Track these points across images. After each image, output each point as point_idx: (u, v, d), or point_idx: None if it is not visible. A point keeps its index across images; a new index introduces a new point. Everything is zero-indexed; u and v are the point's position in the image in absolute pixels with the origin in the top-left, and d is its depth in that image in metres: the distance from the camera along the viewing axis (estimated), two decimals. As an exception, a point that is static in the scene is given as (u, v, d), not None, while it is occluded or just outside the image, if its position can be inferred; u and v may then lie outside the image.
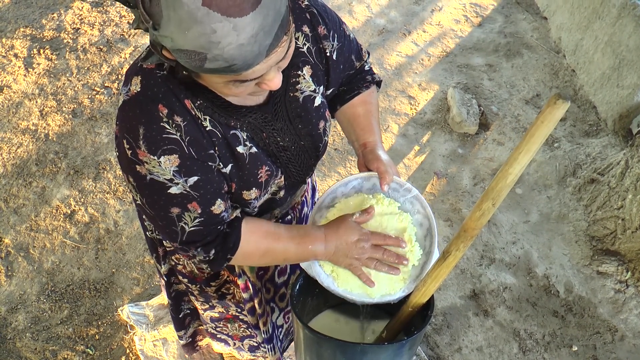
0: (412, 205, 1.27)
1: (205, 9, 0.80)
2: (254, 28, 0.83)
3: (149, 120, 1.00)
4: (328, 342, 1.18)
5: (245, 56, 0.85)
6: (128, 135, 1.00)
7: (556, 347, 2.28)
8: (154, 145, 1.00)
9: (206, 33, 0.82)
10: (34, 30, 3.60)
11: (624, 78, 2.90)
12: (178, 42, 0.84)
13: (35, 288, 2.41)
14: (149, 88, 1.02)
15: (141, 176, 1.02)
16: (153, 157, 1.00)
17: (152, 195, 1.04)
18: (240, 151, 1.10)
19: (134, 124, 1.00)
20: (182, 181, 1.03)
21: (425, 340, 2.26)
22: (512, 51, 3.54)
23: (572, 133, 3.06)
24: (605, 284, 2.44)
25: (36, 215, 2.66)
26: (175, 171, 1.02)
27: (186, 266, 1.43)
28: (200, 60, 0.85)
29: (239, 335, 1.67)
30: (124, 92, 1.04)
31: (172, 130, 1.01)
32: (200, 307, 1.59)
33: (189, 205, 1.06)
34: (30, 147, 2.95)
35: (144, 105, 1.01)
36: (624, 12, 2.92)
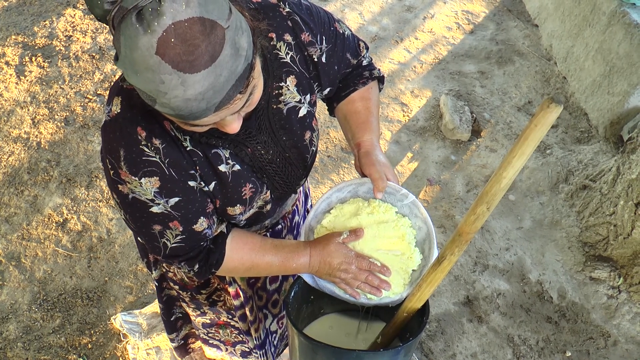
0: (409, 210, 1.27)
1: (157, 58, 0.79)
2: (202, 86, 0.81)
3: (129, 143, 1.00)
4: (323, 349, 1.18)
5: (190, 110, 0.84)
6: (110, 155, 1.01)
7: (550, 352, 2.28)
8: (135, 167, 1.00)
9: (155, 81, 0.81)
10: (25, 38, 3.59)
11: (614, 85, 2.93)
12: (130, 79, 0.84)
13: (26, 297, 2.39)
14: (129, 109, 1.01)
15: (124, 195, 1.03)
16: (134, 178, 1.00)
17: (134, 212, 1.05)
18: (222, 170, 1.10)
19: (115, 146, 1.00)
20: (163, 202, 1.04)
21: (419, 347, 2.26)
22: (503, 58, 3.56)
23: (564, 140, 3.08)
24: (598, 290, 2.45)
25: (28, 224, 2.64)
26: (156, 192, 1.02)
27: (176, 274, 1.43)
28: (150, 101, 0.86)
29: (231, 341, 1.67)
30: (106, 112, 1.05)
31: (151, 152, 1.01)
32: (191, 312, 1.60)
33: (171, 224, 1.07)
34: (22, 155, 2.93)
35: (123, 128, 1.01)
36: (614, 19, 2.95)
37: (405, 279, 1.23)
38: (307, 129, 1.22)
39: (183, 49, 0.79)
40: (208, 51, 0.80)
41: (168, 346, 2.16)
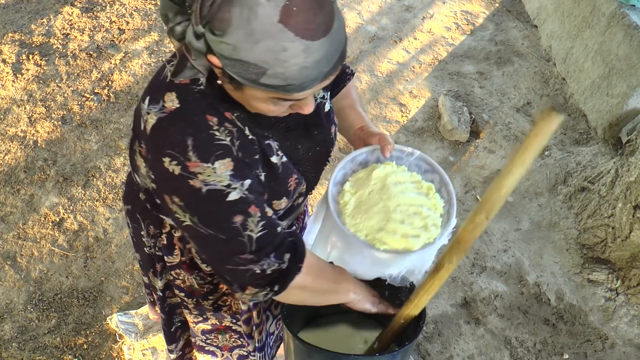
0: (418, 168, 1.33)
1: (280, 25, 0.81)
2: (320, 54, 0.85)
3: (197, 130, 0.99)
4: (319, 353, 1.17)
5: (303, 79, 0.86)
6: (173, 150, 0.97)
7: (547, 355, 2.28)
8: (206, 152, 0.98)
9: (275, 49, 0.82)
10: (22, 36, 3.57)
11: (613, 87, 2.93)
12: (241, 52, 0.84)
13: (22, 297, 2.38)
14: (190, 102, 1.00)
15: (195, 190, 0.98)
16: (207, 165, 0.97)
17: (210, 208, 1.01)
18: (274, 161, 1.10)
19: (179, 137, 0.98)
20: (239, 185, 1.00)
21: (416, 349, 2.25)
22: (502, 59, 3.55)
23: (563, 141, 3.08)
24: (595, 292, 2.45)
25: (24, 223, 2.63)
26: (231, 175, 0.99)
27: (185, 281, 1.39)
28: (257, 74, 0.86)
29: (229, 346, 1.65)
30: (155, 111, 1.01)
31: (222, 136, 1.00)
32: (192, 319, 1.55)
33: (250, 209, 1.02)
34: (19, 154, 2.92)
35: (189, 117, 0.99)
36: (613, 21, 2.94)
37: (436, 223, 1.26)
38: (332, 124, 1.27)
39: (305, 17, 0.82)
40: (325, 21, 0.84)
41: (164, 347, 2.15)
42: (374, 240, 1.21)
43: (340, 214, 1.24)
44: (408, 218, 1.23)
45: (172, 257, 1.32)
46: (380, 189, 1.27)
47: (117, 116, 3.12)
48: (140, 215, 1.31)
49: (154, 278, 1.48)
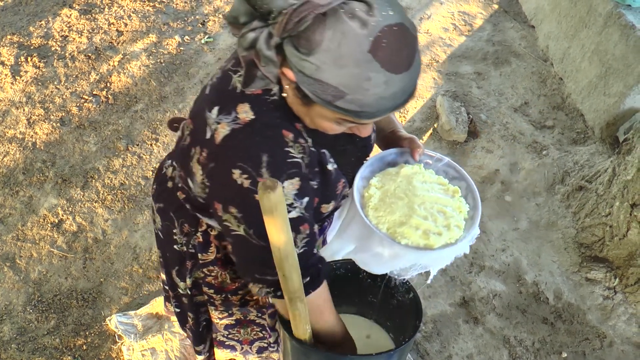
0: (446, 174, 1.35)
1: (369, 56, 0.84)
2: (398, 87, 0.88)
3: (274, 146, 1.00)
4: (315, 353, 1.18)
5: (378, 108, 0.89)
6: (245, 163, 0.98)
7: (546, 353, 2.28)
8: (278, 171, 0.99)
9: (360, 77, 0.85)
10: (21, 38, 3.58)
11: (610, 86, 2.93)
12: (324, 73, 0.86)
13: (21, 298, 2.38)
14: (264, 114, 1.01)
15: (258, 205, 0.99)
16: None
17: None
18: (329, 168, 1.13)
19: (255, 152, 0.98)
20: (299, 204, 1.03)
21: (415, 348, 2.26)
22: (500, 59, 3.56)
23: (560, 141, 3.08)
24: (594, 291, 2.46)
25: (23, 225, 2.63)
26: (295, 194, 1.02)
27: (218, 277, 1.40)
28: (334, 96, 0.88)
29: (249, 339, 1.64)
30: (228, 121, 1.01)
31: (295, 153, 1.02)
32: (217, 315, 1.55)
33: (301, 227, 1.06)
34: (17, 155, 2.93)
35: (265, 132, 1.00)
36: (610, 21, 2.95)
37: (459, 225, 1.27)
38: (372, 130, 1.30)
39: (392, 51, 0.85)
40: (408, 57, 0.88)
41: (163, 347, 2.15)
42: (395, 234, 1.22)
43: (363, 206, 1.25)
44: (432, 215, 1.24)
45: (206, 254, 1.33)
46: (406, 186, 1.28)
47: (115, 118, 3.13)
48: (174, 213, 1.32)
49: (177, 277, 1.47)
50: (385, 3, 0.88)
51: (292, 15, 0.85)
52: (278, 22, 0.87)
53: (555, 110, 3.26)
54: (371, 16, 0.84)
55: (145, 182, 2.81)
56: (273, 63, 0.92)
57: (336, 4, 0.84)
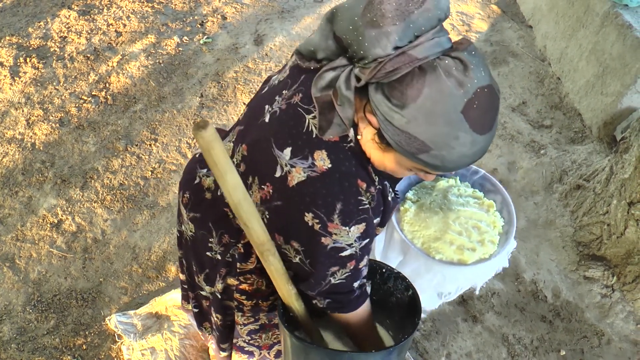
0: (481, 187, 1.37)
1: (461, 116, 0.86)
2: (480, 147, 0.90)
3: (349, 195, 1.02)
4: (316, 350, 1.18)
5: (458, 164, 0.91)
6: (319, 210, 1.01)
7: (544, 351, 2.29)
8: (349, 218, 1.02)
9: (449, 136, 0.87)
10: (20, 39, 3.58)
11: (607, 86, 2.95)
12: (413, 127, 0.87)
13: (21, 298, 2.38)
14: (341, 163, 1.02)
15: (321, 246, 1.04)
16: (345, 228, 1.02)
17: (322, 258, 1.07)
18: (389, 199, 1.15)
19: (331, 200, 1.01)
20: (357, 244, 1.06)
21: (414, 346, 2.27)
22: (498, 59, 3.57)
23: (558, 140, 3.10)
24: (592, 289, 2.47)
25: (22, 225, 2.63)
26: (357, 237, 1.05)
27: (254, 284, 1.40)
28: (419, 149, 0.89)
29: (269, 344, 1.64)
30: (304, 167, 1.02)
31: (366, 201, 1.04)
32: (243, 321, 1.54)
33: (349, 264, 1.09)
34: (17, 156, 2.93)
35: (342, 182, 1.02)
36: (607, 20, 2.96)
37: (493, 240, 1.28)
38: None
39: (481, 113, 0.87)
40: (493, 118, 0.90)
41: (163, 347, 2.16)
42: (429, 248, 1.23)
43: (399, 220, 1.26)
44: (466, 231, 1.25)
45: (245, 264, 1.34)
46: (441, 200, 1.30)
47: (114, 118, 3.13)
48: (214, 224, 1.32)
49: (204, 281, 1.47)
50: (479, 64, 0.89)
51: (387, 65, 0.86)
52: (370, 68, 0.88)
53: (553, 110, 3.27)
54: (467, 77, 0.86)
55: (145, 182, 2.82)
56: (350, 104, 0.93)
57: (432, 58, 0.85)
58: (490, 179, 1.36)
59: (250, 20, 3.84)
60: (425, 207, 1.30)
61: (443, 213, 1.27)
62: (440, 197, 1.30)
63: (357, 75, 0.90)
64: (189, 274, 1.54)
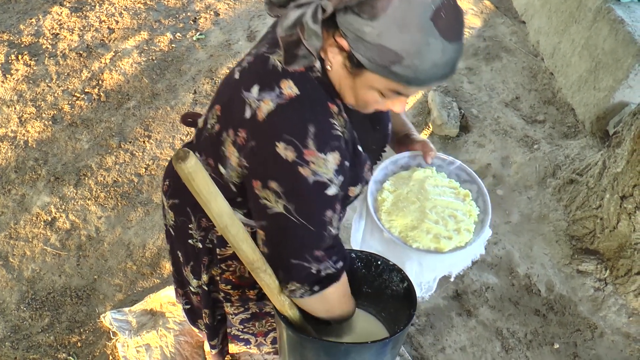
0: (457, 177, 1.38)
1: (431, 23, 0.89)
2: (450, 56, 0.92)
3: (321, 118, 1.02)
4: (311, 342, 1.19)
5: (429, 75, 0.93)
6: (292, 136, 0.99)
7: (538, 345, 2.30)
8: (324, 142, 1.00)
9: (420, 42, 0.89)
10: (11, 36, 3.56)
11: (600, 81, 2.96)
12: (385, 38, 0.89)
13: (14, 297, 2.37)
14: (309, 89, 1.02)
15: (302, 179, 1.00)
16: (321, 155, 1.00)
17: (309, 199, 1.03)
18: (359, 149, 1.15)
19: (302, 124, 1.00)
20: (337, 180, 1.04)
21: (409, 341, 2.28)
22: (491, 55, 3.58)
23: (552, 135, 3.11)
24: (585, 283, 2.48)
25: (15, 223, 2.62)
26: (335, 170, 1.03)
27: (236, 271, 1.39)
28: (392, 61, 0.91)
29: (264, 331, 1.64)
30: (271, 98, 1.02)
31: (339, 126, 1.03)
32: (233, 311, 1.54)
33: (336, 206, 1.07)
34: (9, 154, 2.91)
35: (313, 104, 1.02)
36: (599, 16, 2.98)
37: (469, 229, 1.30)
38: (389, 121, 1.33)
39: (449, 22, 0.91)
40: (460, 30, 0.94)
41: (158, 343, 2.16)
42: (406, 237, 1.24)
43: (377, 210, 1.27)
44: (442, 219, 1.26)
45: (225, 249, 1.33)
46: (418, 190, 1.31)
47: (107, 115, 3.12)
48: (191, 209, 1.32)
49: (191, 273, 1.46)
50: None
51: None
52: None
53: (546, 105, 3.29)
54: None
55: (138, 179, 2.81)
56: (317, 37, 0.94)
57: None
58: (466, 169, 1.37)
59: (242, 17, 3.84)
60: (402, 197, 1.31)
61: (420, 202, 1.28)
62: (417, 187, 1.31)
63: (323, 7, 0.92)
64: (177, 269, 1.54)
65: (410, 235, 1.24)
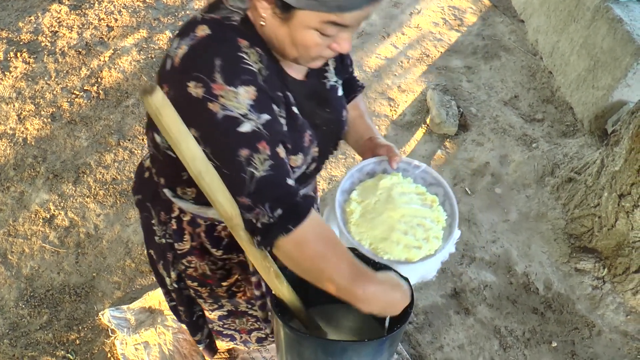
0: (423, 180, 1.38)
1: None
2: None
3: (227, 50, 0.99)
4: (308, 340, 1.19)
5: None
6: (199, 72, 0.97)
7: (536, 343, 2.31)
8: (232, 74, 0.97)
9: None
10: (10, 34, 3.55)
11: (598, 79, 2.96)
12: None
13: (13, 294, 2.38)
14: (221, 30, 1.02)
15: (211, 115, 0.96)
16: (231, 88, 0.96)
17: (221, 137, 0.97)
18: (294, 111, 1.12)
19: (208, 58, 0.97)
20: (255, 117, 0.98)
21: (407, 339, 2.28)
22: (490, 53, 3.58)
23: (550, 133, 3.11)
24: (583, 281, 2.49)
25: (14, 220, 2.62)
26: (250, 105, 0.97)
27: (198, 268, 1.37)
28: None
29: (247, 329, 1.64)
30: (184, 42, 1.02)
31: (250, 61, 1.00)
32: (208, 308, 1.54)
33: (259, 145, 0.98)
34: (8, 151, 2.91)
35: (220, 39, 1.00)
36: (598, 14, 2.98)
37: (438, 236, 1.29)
38: (343, 108, 1.31)
39: None
40: None
41: (157, 341, 2.16)
42: (377, 249, 1.24)
43: (346, 222, 1.27)
44: (411, 229, 1.26)
45: (182, 244, 1.33)
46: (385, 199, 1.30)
47: (106, 113, 3.12)
48: (150, 202, 1.33)
49: (163, 270, 1.46)
50: None
51: None
52: None
53: (544, 104, 3.29)
54: None
55: (137, 177, 2.81)
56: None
57: None
58: (432, 172, 1.37)
59: (242, 15, 3.83)
60: (370, 208, 1.31)
61: (388, 213, 1.28)
62: (385, 196, 1.31)
63: None
64: (154, 268, 1.53)
65: (380, 247, 1.25)
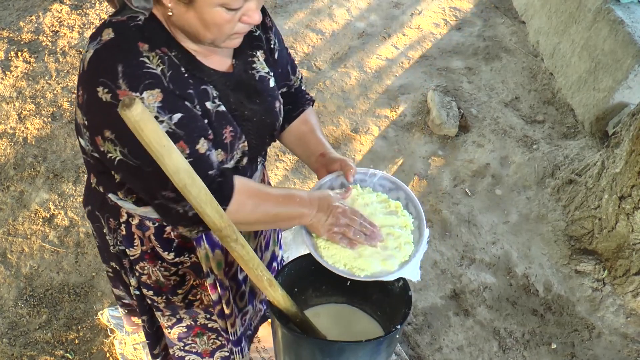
0: (382, 187, 1.36)
1: None
2: None
3: (128, 56, 1.00)
4: (306, 340, 1.19)
5: None
6: (105, 78, 0.99)
7: (535, 345, 2.31)
8: (135, 80, 0.99)
9: None
10: (11, 33, 3.56)
11: (599, 81, 2.96)
12: None
13: (12, 293, 2.38)
14: (125, 33, 1.03)
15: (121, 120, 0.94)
16: (135, 94, 0.98)
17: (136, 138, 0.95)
18: (208, 107, 1.11)
19: (111, 64, 0.99)
20: (166, 118, 1.01)
21: (406, 340, 2.28)
22: (491, 54, 3.58)
23: (551, 135, 3.11)
24: (583, 283, 2.48)
25: (14, 220, 2.62)
26: (159, 107, 1.00)
27: (151, 275, 1.36)
28: None
29: (209, 350, 1.61)
30: (92, 46, 1.03)
31: (152, 64, 1.01)
32: (166, 323, 1.50)
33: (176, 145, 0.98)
34: (8, 150, 2.92)
35: (121, 45, 1.01)
36: (599, 16, 2.98)
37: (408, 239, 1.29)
38: (276, 99, 1.29)
39: None
40: None
41: (155, 341, 2.16)
42: (353, 268, 1.24)
43: (316, 247, 1.26)
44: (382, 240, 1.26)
45: (133, 249, 1.31)
46: None
47: (107, 113, 3.12)
48: (99, 212, 1.31)
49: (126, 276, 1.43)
50: None
51: None
52: None
53: (545, 105, 3.28)
54: None
55: (137, 176, 2.81)
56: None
57: None
58: (389, 177, 1.36)
59: (243, 15, 3.83)
60: None
61: None
62: None
63: None
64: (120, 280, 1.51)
65: (355, 265, 1.24)
